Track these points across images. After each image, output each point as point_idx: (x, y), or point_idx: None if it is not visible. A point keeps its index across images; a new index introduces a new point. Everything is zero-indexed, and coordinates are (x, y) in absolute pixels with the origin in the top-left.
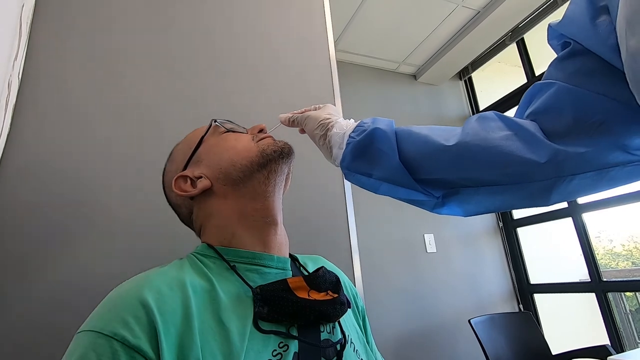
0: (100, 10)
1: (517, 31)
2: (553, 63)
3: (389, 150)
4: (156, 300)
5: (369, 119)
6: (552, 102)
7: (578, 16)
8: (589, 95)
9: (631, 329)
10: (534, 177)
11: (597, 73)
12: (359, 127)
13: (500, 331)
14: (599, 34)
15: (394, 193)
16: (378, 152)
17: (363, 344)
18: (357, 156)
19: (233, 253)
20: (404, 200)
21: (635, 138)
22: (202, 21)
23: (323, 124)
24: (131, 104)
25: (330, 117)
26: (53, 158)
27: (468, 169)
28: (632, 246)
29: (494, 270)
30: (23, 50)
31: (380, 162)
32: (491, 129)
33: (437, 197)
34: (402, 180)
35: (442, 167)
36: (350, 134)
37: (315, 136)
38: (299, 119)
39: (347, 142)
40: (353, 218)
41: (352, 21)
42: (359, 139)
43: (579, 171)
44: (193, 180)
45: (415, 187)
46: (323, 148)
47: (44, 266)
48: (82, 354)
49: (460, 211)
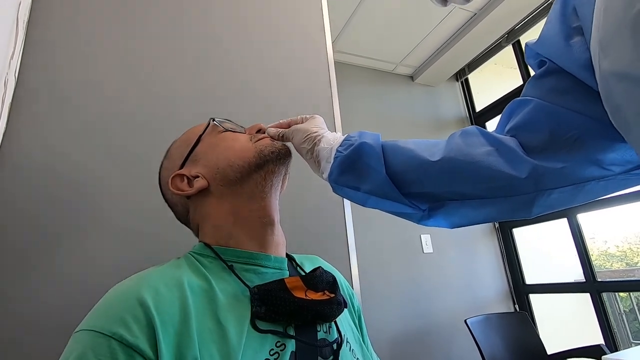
0: (96, 9)
1: (513, 33)
2: (530, 81)
3: (376, 165)
4: (154, 299)
5: (355, 132)
6: (529, 119)
7: (553, 36)
8: (564, 112)
9: (625, 328)
10: (515, 191)
11: (571, 91)
12: (346, 141)
13: (496, 331)
14: (573, 54)
15: (381, 206)
16: (365, 166)
17: (359, 343)
18: (345, 170)
19: (230, 253)
20: (391, 212)
21: (608, 153)
22: (199, 21)
23: (310, 138)
24: (128, 102)
25: (317, 131)
26: (49, 157)
27: (452, 183)
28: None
29: (490, 271)
30: (19, 49)
31: (367, 176)
32: (474, 144)
33: (423, 209)
34: (389, 193)
35: (428, 182)
36: (337, 148)
37: (302, 150)
38: (286, 133)
39: (335, 157)
40: (350, 218)
41: (349, 22)
42: (346, 153)
43: (558, 185)
44: (190, 180)
45: (402, 201)
46: (310, 162)
47: (40, 265)
48: (80, 353)
49: (445, 223)
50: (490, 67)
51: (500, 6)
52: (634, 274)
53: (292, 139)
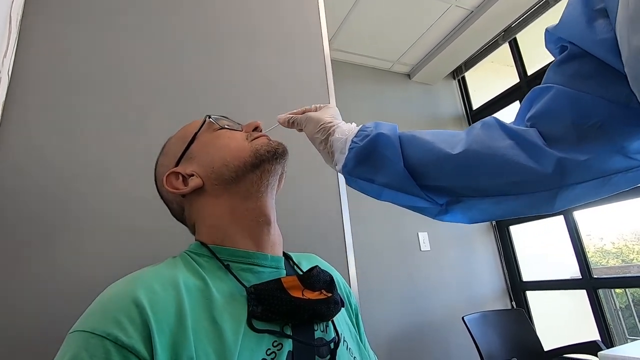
0: (91, 6)
1: (509, 31)
2: (551, 67)
3: (393, 156)
4: (149, 299)
5: (371, 123)
6: (550, 106)
7: (575, 18)
8: (587, 98)
9: (621, 324)
10: (539, 186)
11: (595, 75)
12: (361, 131)
13: (493, 328)
14: (596, 35)
15: (396, 199)
16: (381, 158)
17: (356, 342)
18: (360, 162)
19: (227, 252)
20: (405, 206)
21: (634, 140)
22: (195, 19)
23: (324, 128)
24: (123, 99)
25: (332, 121)
26: (43, 155)
27: (473, 177)
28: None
29: (487, 268)
30: (13, 47)
31: (383, 168)
32: (495, 137)
33: (441, 204)
34: (406, 186)
35: (447, 175)
36: (353, 138)
37: (315, 140)
38: (299, 120)
39: (350, 147)
40: (348, 216)
41: (346, 20)
42: (362, 144)
43: (583, 179)
44: (185, 178)
45: (419, 194)
46: (323, 152)
47: (36, 264)
48: (75, 354)
49: (463, 218)
50: (487, 65)
51: (497, 4)
52: (629, 271)
53: (304, 127)
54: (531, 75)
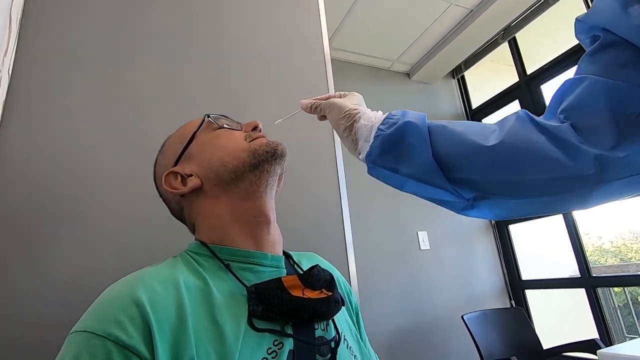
0: (91, 5)
1: (509, 30)
2: (583, 58)
3: (422, 146)
4: (150, 299)
5: (398, 111)
6: (585, 98)
7: (609, 5)
8: (623, 86)
9: (620, 323)
10: (575, 183)
11: (631, 63)
12: (388, 119)
13: (493, 327)
14: (632, 22)
15: (420, 191)
16: (409, 147)
17: (356, 340)
18: (385, 150)
19: (227, 252)
20: (429, 199)
21: None
22: (195, 18)
23: (349, 115)
24: (123, 98)
25: (357, 108)
26: (44, 154)
27: (508, 171)
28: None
29: (486, 267)
30: (13, 46)
31: (409, 157)
32: (530, 132)
33: (467, 199)
34: (433, 178)
35: (480, 168)
36: (379, 126)
37: (339, 126)
38: (322, 106)
39: (376, 135)
40: (348, 215)
41: (346, 19)
42: (389, 132)
43: (621, 176)
44: (184, 178)
45: (446, 187)
46: (347, 140)
47: (36, 263)
48: (76, 355)
49: (490, 214)
50: (486, 64)
51: (497, 3)
52: (628, 269)
53: (327, 113)
54: (530, 74)
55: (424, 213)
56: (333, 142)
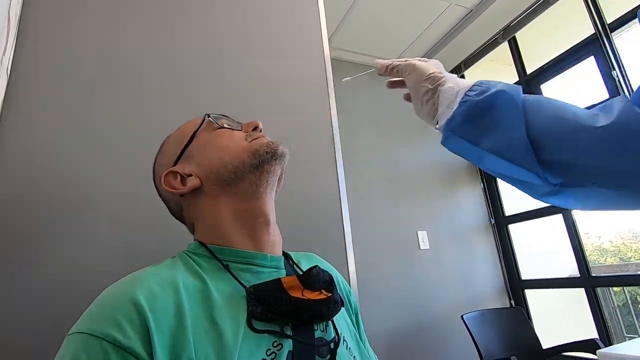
0: (89, 4)
1: (509, 29)
2: None
3: (514, 120)
4: (148, 300)
5: (486, 80)
6: None
7: None
8: None
9: (619, 323)
10: None
11: None
12: (477, 86)
13: (492, 326)
14: None
15: (500, 168)
16: (498, 120)
17: (356, 340)
18: (470, 119)
19: (226, 252)
20: (507, 178)
21: None
22: (195, 18)
23: (434, 77)
24: (122, 98)
25: (441, 72)
26: (42, 154)
27: (617, 156)
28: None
29: (486, 267)
30: (12, 46)
31: (497, 131)
32: None
33: (555, 184)
34: (521, 157)
35: (582, 151)
36: (466, 92)
37: (420, 89)
38: (402, 67)
39: (462, 101)
40: (348, 215)
41: (345, 18)
42: (478, 99)
43: None
44: (183, 177)
45: (534, 169)
46: (427, 105)
47: (36, 263)
48: (73, 356)
49: (576, 204)
50: (486, 63)
51: (497, 2)
52: (627, 269)
53: (406, 75)
54: (530, 74)
55: (424, 213)
56: (333, 142)
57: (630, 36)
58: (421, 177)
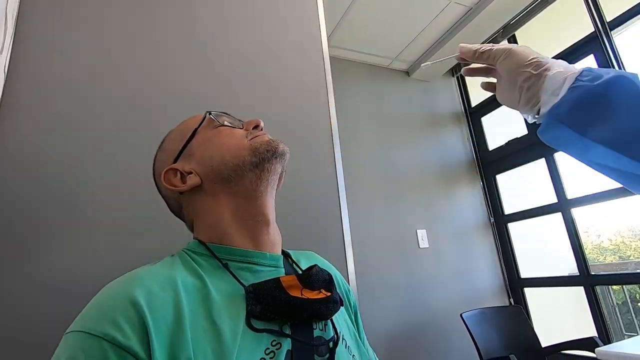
0: (88, 4)
1: (508, 28)
2: None
3: (635, 108)
4: (147, 299)
5: (595, 68)
6: None
7: None
8: None
9: (618, 321)
10: None
11: None
12: (587, 72)
13: (492, 325)
14: None
15: (610, 161)
16: (616, 107)
17: (355, 339)
18: (581, 106)
19: (225, 251)
20: (616, 172)
21: None
22: (194, 14)
23: (538, 63)
24: (120, 97)
25: (545, 58)
26: (39, 152)
27: None
28: (619, 241)
29: (485, 265)
30: (8, 45)
31: (613, 119)
32: None
33: None
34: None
35: None
36: (577, 77)
37: (520, 75)
38: (495, 52)
39: (574, 86)
40: (346, 214)
41: (345, 17)
42: (593, 84)
43: None
44: (183, 175)
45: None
46: (527, 92)
47: (34, 261)
48: (71, 355)
49: None
50: None
51: (496, 1)
52: (626, 267)
53: (501, 60)
54: None
55: (423, 211)
56: (332, 142)
57: (630, 34)
58: (420, 176)
